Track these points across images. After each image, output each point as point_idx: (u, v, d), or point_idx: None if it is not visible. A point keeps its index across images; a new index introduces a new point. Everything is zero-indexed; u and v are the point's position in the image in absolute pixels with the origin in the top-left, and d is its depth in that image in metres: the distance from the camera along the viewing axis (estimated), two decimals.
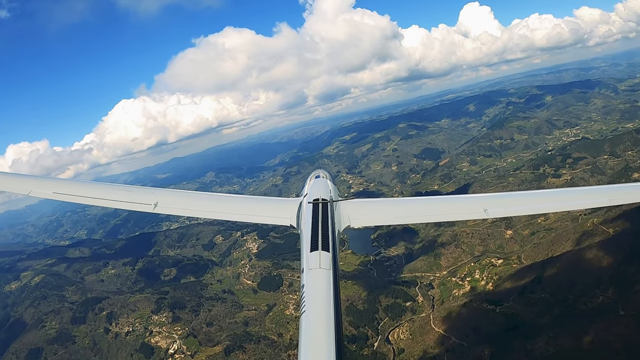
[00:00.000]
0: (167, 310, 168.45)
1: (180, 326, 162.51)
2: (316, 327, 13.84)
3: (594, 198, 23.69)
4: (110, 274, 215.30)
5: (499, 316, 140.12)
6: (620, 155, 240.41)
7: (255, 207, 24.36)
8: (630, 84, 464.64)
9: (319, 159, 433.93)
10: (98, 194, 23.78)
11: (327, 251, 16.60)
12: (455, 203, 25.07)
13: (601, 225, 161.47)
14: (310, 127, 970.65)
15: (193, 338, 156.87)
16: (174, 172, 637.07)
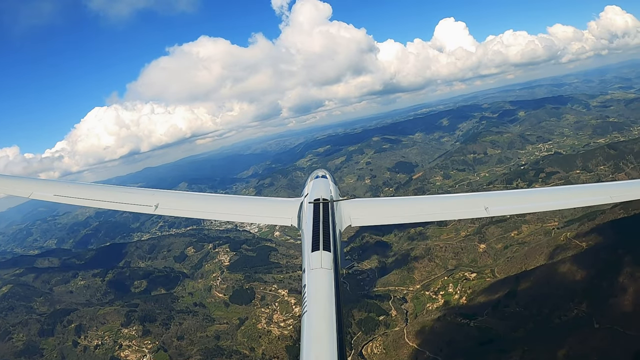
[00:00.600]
0: (137, 324, 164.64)
1: (150, 340, 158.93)
2: (318, 326, 13.76)
3: (594, 195, 23.97)
4: (80, 285, 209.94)
5: (473, 330, 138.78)
6: (593, 169, 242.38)
7: (257, 207, 24.79)
8: (602, 100, 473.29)
9: (292, 171, 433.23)
10: (99, 196, 23.83)
11: (328, 251, 16.47)
12: (456, 202, 25.50)
13: (574, 239, 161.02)
14: (284, 139, 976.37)
15: (164, 352, 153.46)
16: (147, 182, 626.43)
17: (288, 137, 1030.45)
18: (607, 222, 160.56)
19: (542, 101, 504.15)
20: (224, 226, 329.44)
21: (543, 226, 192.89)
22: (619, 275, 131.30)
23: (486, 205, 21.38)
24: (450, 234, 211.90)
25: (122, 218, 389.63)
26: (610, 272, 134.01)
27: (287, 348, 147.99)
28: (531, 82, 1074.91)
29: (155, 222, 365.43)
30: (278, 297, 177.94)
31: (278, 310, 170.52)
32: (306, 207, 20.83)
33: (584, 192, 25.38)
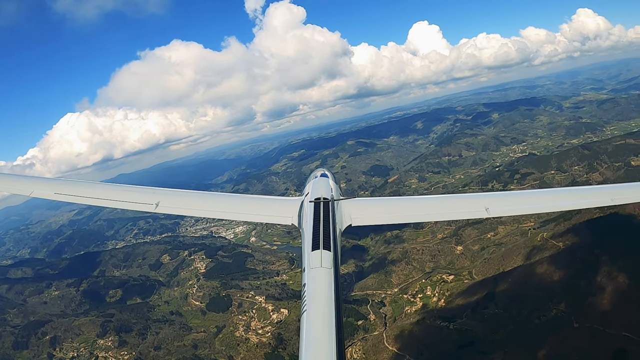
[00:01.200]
0: (113, 334, 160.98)
1: (127, 351, 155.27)
2: (317, 326, 13.67)
3: (595, 197, 23.31)
4: (54, 295, 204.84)
5: (452, 333, 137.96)
6: (567, 170, 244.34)
7: (257, 206, 24.57)
8: (575, 102, 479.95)
9: (267, 176, 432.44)
10: (99, 194, 23.88)
11: (328, 250, 16.28)
12: (456, 202, 25.10)
13: (551, 239, 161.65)
14: (259, 143, 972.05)
15: None
16: None
17: (262, 142, 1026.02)
18: (583, 222, 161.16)
19: (516, 103, 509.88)
20: (200, 233, 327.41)
21: (519, 227, 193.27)
22: (597, 274, 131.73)
23: (487, 205, 21.34)
24: (426, 237, 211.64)
25: (96, 226, 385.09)
26: (588, 272, 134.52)
27: (266, 355, 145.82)
28: (504, 85, 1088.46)
29: (129, 229, 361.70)
30: (255, 303, 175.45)
31: (256, 317, 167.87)
32: (307, 206, 20.49)
33: (585, 194, 25.06)
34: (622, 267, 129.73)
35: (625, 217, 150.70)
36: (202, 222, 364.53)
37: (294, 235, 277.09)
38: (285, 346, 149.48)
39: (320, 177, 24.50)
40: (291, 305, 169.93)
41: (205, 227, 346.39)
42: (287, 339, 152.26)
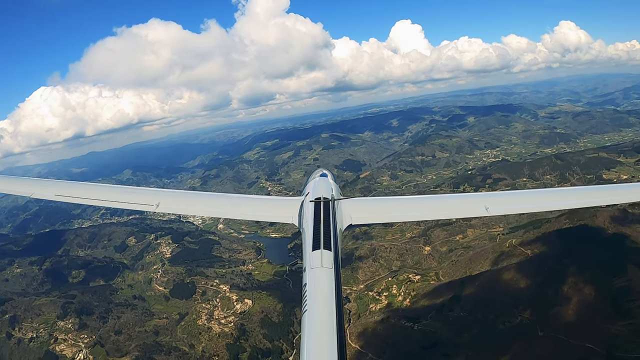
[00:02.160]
0: (73, 316, 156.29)
1: (87, 334, 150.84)
2: (318, 325, 13.50)
3: (595, 197, 23.84)
4: (16, 273, 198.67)
5: (416, 333, 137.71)
6: (539, 178, 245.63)
7: (257, 206, 24.89)
8: (550, 112, 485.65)
9: (239, 163, 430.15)
10: (100, 195, 24.09)
11: (329, 250, 16.25)
12: (456, 201, 25.88)
13: (520, 246, 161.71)
14: (233, 130, 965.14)
15: (100, 347, 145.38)
16: (91, 167, 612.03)
17: (237, 128, 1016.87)
18: (552, 231, 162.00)
19: (492, 108, 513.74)
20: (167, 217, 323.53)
21: (488, 231, 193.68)
22: (564, 284, 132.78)
23: (487, 205, 21.27)
24: (395, 235, 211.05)
25: (64, 204, 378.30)
26: (555, 281, 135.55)
27: (228, 346, 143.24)
28: (481, 89, 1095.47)
29: (97, 209, 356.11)
30: (220, 292, 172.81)
31: (219, 306, 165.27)
32: (307, 206, 20.27)
33: (584, 194, 24.96)
34: (588, 279, 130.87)
35: (595, 230, 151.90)
36: None
37: (262, 225, 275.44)
38: (248, 337, 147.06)
39: (320, 177, 23.99)
40: (255, 296, 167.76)
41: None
42: (250, 331, 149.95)
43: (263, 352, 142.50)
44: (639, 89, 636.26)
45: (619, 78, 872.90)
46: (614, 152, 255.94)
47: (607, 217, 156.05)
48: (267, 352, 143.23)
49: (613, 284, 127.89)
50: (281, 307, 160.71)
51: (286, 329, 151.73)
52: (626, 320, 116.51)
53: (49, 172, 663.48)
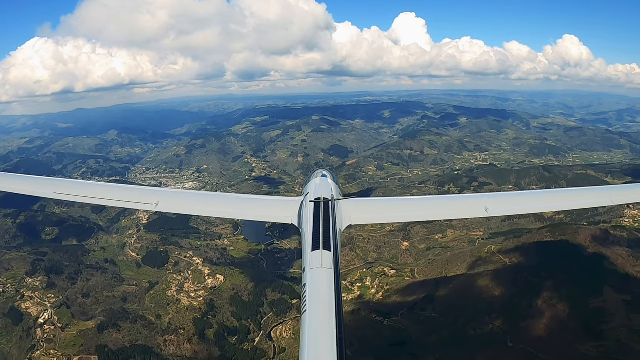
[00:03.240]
0: (42, 274, 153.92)
1: (54, 293, 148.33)
2: (318, 326, 13.45)
3: (595, 198, 24.42)
4: None
5: (386, 329, 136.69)
6: (525, 188, 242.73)
7: (257, 206, 25.36)
8: (543, 123, 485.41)
9: (226, 136, 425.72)
10: (100, 194, 24.41)
11: (328, 250, 16.25)
12: (456, 202, 26.17)
13: (498, 253, 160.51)
14: (224, 102, 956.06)
15: (66, 309, 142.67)
16: (77, 124, 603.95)
17: (228, 101, 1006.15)
18: (532, 243, 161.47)
19: (485, 112, 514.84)
20: (148, 182, 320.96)
21: (468, 234, 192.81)
22: (538, 298, 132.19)
23: (486, 205, 21.70)
24: (375, 226, 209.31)
25: (45, 158, 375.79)
26: (530, 294, 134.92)
27: (195, 320, 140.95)
28: (477, 91, 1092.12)
29: (78, 167, 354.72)
30: (192, 265, 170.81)
31: (190, 279, 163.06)
32: (307, 206, 20.49)
33: (584, 195, 25.57)
34: (564, 296, 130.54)
35: (575, 247, 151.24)
36: (153, 171, 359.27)
37: None
38: (216, 314, 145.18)
39: (321, 178, 24.45)
40: (228, 272, 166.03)
41: (155, 177, 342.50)
42: (219, 307, 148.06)
43: (230, 331, 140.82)
44: (633, 112, 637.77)
45: (614, 99, 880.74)
46: (602, 171, 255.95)
47: (589, 236, 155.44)
48: (234, 330, 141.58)
49: (588, 304, 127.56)
50: (252, 286, 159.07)
51: (255, 309, 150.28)
52: (597, 342, 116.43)
53: (34, 124, 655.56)
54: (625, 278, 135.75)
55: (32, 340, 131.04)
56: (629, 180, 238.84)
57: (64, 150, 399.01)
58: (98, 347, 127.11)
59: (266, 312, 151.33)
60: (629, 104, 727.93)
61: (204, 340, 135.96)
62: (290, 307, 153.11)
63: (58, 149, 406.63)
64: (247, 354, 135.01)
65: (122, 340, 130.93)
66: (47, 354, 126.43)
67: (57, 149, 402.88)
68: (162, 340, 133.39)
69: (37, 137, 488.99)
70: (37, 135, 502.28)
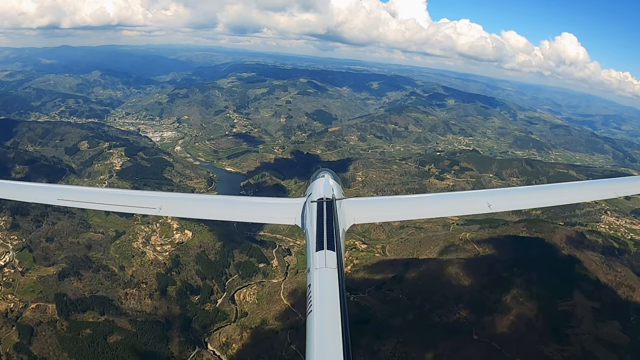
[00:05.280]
0: (7, 214, 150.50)
1: (17, 235, 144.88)
2: (324, 326, 12.90)
3: (598, 191, 24.97)
4: None
5: (351, 305, 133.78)
6: (505, 178, 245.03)
7: (260, 208, 24.41)
8: (530, 116, 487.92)
9: (210, 88, 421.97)
10: (103, 199, 23.91)
11: (332, 250, 15.69)
12: (458, 199, 25.71)
13: (472, 242, 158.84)
14: (212, 54, 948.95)
15: (28, 252, 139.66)
16: (60, 61, 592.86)
17: (217, 53, 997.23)
18: (507, 236, 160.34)
19: (474, 97, 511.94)
20: (126, 127, 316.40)
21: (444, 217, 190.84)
22: (507, 293, 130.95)
23: (489, 202, 21.64)
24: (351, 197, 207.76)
25: (24, 93, 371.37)
26: (499, 288, 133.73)
27: (158, 275, 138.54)
28: (467, 75, 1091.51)
29: (57, 105, 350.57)
30: (160, 217, 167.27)
31: (158, 232, 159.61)
32: (309, 206, 19.87)
33: (586, 188, 25.85)
34: (534, 295, 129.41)
35: (549, 246, 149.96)
36: (133, 116, 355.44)
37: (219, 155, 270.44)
38: (180, 271, 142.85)
39: (322, 178, 23.19)
40: (196, 228, 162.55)
41: (134, 123, 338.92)
42: (184, 264, 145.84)
43: (192, 289, 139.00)
44: (620, 119, 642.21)
45: (603, 103, 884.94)
46: (583, 173, 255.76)
47: (564, 236, 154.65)
48: (197, 289, 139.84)
49: (556, 306, 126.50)
50: (220, 245, 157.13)
51: (221, 269, 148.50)
52: (562, 346, 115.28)
53: (17, 57, 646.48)
54: (597, 285, 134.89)
55: None
56: None
57: (44, 87, 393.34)
58: (57, 295, 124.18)
59: (231, 273, 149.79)
60: (617, 111, 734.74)
61: (166, 296, 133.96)
62: (257, 271, 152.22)
63: (38, 84, 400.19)
64: (208, 315, 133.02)
65: (82, 290, 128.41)
66: (4, 298, 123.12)
67: (37, 85, 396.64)
68: (123, 293, 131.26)
69: (18, 71, 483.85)
70: (18, 69, 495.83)
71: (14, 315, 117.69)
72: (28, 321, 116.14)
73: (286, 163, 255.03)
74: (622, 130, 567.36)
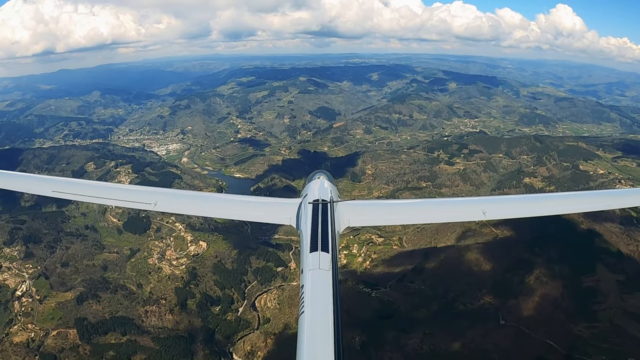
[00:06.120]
0: (20, 243, 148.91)
1: (32, 264, 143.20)
2: (316, 327, 12.92)
3: (592, 203, 25.40)
4: None
5: (374, 301, 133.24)
6: (515, 157, 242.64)
7: (255, 207, 24.44)
8: (533, 91, 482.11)
9: (211, 96, 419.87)
10: (98, 193, 24.23)
11: (326, 252, 15.58)
12: (454, 205, 25.18)
13: (489, 225, 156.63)
14: (210, 62, 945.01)
15: (45, 280, 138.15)
16: (59, 85, 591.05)
17: (214, 61, 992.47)
18: None
19: (475, 78, 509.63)
20: (131, 144, 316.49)
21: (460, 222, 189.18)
22: (530, 274, 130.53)
23: (484, 209, 21.24)
24: (362, 192, 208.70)
25: (27, 121, 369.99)
26: (522, 270, 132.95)
27: (177, 290, 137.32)
28: (466, 57, 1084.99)
29: (60, 129, 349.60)
30: (174, 231, 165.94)
31: (172, 246, 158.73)
32: (305, 207, 19.69)
33: (581, 200, 25.68)
34: (557, 274, 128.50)
35: (567, 222, 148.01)
36: (137, 132, 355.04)
37: (227, 163, 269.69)
38: (198, 283, 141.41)
39: (319, 179, 23.17)
40: (211, 239, 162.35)
41: (139, 139, 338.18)
42: (201, 275, 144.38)
43: (213, 300, 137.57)
44: (623, 86, 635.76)
45: (604, 72, 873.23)
46: (593, 144, 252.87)
47: None
48: (217, 300, 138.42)
49: (581, 283, 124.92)
50: (236, 253, 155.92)
51: (239, 277, 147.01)
52: (590, 323, 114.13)
53: (16, 86, 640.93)
54: (619, 257, 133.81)
55: (10, 314, 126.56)
56: (619, 154, 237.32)
57: (45, 113, 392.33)
58: (77, 320, 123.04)
59: (250, 280, 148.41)
60: (619, 78, 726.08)
61: (186, 310, 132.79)
62: (275, 275, 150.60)
63: (40, 111, 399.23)
64: (231, 324, 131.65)
65: (102, 312, 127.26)
66: (24, 328, 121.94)
67: (38, 112, 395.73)
68: (143, 311, 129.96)
69: (18, 99, 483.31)
70: (18, 98, 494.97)
71: (36, 344, 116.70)
72: (50, 349, 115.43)
73: (294, 163, 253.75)
74: (627, 97, 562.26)
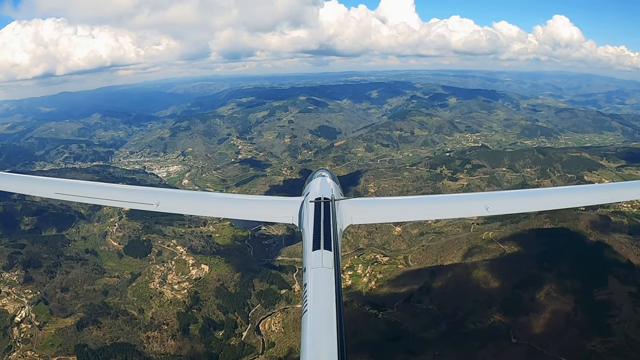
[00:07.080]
0: (20, 268, 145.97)
1: (31, 289, 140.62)
2: (319, 325, 13.47)
3: (595, 196, 25.67)
4: None
5: (381, 323, 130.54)
6: (519, 170, 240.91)
7: (257, 206, 25.37)
8: (533, 103, 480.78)
9: (211, 117, 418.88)
10: (100, 194, 24.33)
11: (329, 250, 16.21)
12: (457, 201, 26.24)
13: (496, 241, 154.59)
14: (209, 83, 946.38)
15: (44, 305, 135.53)
16: (60, 108, 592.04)
17: (213, 82, 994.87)
18: (531, 229, 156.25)
19: (475, 92, 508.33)
20: (132, 166, 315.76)
21: (462, 218, 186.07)
22: (541, 290, 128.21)
23: (487, 205, 21.71)
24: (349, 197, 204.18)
25: (27, 144, 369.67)
26: (532, 286, 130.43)
27: (179, 315, 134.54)
28: (465, 72, 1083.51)
29: (61, 152, 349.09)
30: (176, 254, 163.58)
31: (174, 270, 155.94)
32: (307, 206, 20.20)
33: (583, 193, 26.13)
34: (568, 288, 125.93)
35: (576, 235, 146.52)
36: (137, 155, 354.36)
37: (228, 184, 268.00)
38: (201, 307, 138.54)
39: (321, 178, 24.17)
40: (213, 261, 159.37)
41: (139, 162, 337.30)
42: (204, 299, 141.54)
43: (215, 325, 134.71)
44: (622, 94, 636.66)
45: (603, 81, 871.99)
46: (596, 154, 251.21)
47: (589, 222, 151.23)
48: (220, 324, 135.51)
49: (593, 297, 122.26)
50: (239, 276, 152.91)
51: (242, 301, 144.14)
52: (604, 337, 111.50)
53: (17, 108, 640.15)
54: (630, 268, 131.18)
55: (9, 340, 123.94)
56: (623, 163, 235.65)
57: (46, 135, 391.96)
58: (77, 347, 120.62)
59: (254, 303, 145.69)
60: (618, 86, 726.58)
61: (188, 335, 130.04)
62: (279, 298, 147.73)
63: (40, 134, 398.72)
64: (234, 349, 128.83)
65: (103, 338, 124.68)
66: (23, 355, 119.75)
67: (39, 134, 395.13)
68: (145, 336, 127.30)
69: (19, 122, 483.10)
70: (19, 121, 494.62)
71: None
72: None
73: (296, 183, 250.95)
74: (627, 105, 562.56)
